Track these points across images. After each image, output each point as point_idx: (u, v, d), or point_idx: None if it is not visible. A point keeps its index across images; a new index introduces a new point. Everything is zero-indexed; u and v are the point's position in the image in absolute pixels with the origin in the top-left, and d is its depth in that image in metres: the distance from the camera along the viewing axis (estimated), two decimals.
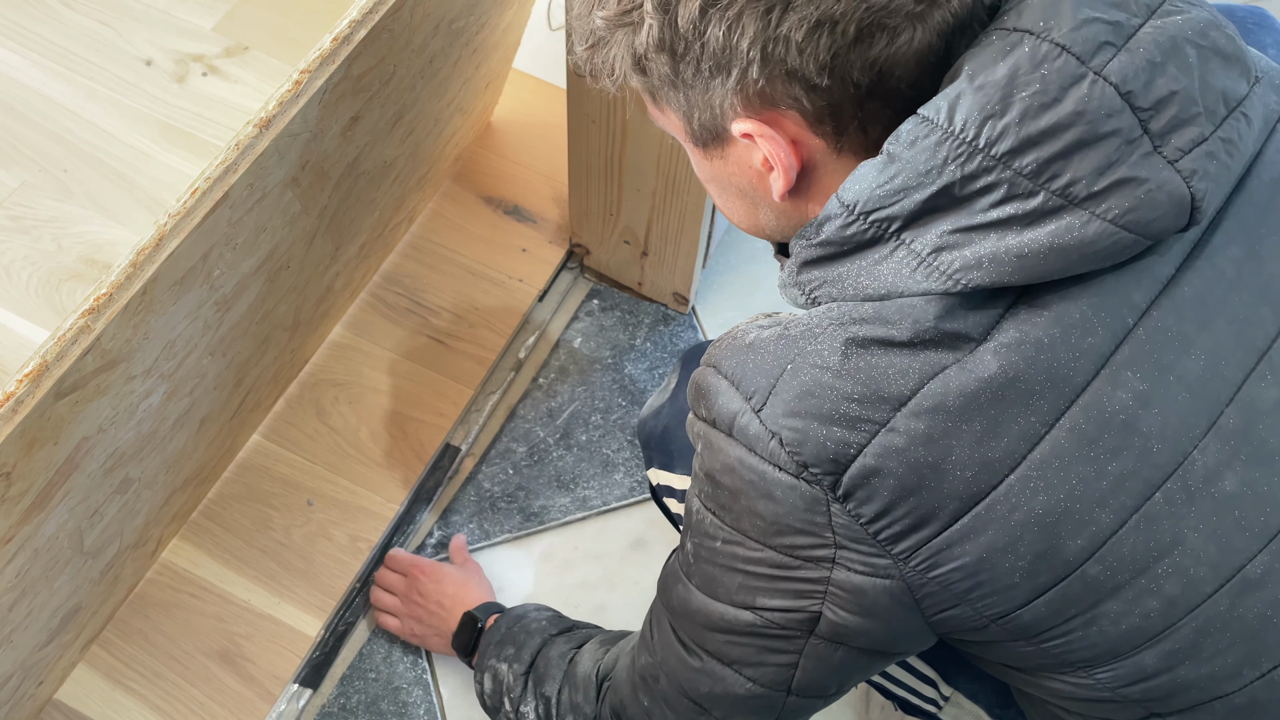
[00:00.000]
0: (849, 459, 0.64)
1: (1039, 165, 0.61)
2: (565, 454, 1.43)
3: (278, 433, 1.40)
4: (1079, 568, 0.65)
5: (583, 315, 1.54)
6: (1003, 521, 0.64)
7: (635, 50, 0.68)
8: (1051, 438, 0.63)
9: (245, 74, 1.61)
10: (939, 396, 0.62)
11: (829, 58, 0.63)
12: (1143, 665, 0.68)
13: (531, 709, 0.99)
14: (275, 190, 0.95)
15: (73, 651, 1.22)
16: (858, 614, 0.69)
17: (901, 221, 0.63)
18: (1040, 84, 0.61)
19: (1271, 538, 0.66)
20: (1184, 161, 0.62)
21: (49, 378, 0.77)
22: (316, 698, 1.28)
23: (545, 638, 1.06)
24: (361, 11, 0.92)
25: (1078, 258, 0.61)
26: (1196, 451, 0.65)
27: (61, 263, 1.45)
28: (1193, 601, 0.66)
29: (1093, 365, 0.63)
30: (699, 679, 0.78)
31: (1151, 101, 0.61)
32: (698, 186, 1.30)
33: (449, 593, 1.25)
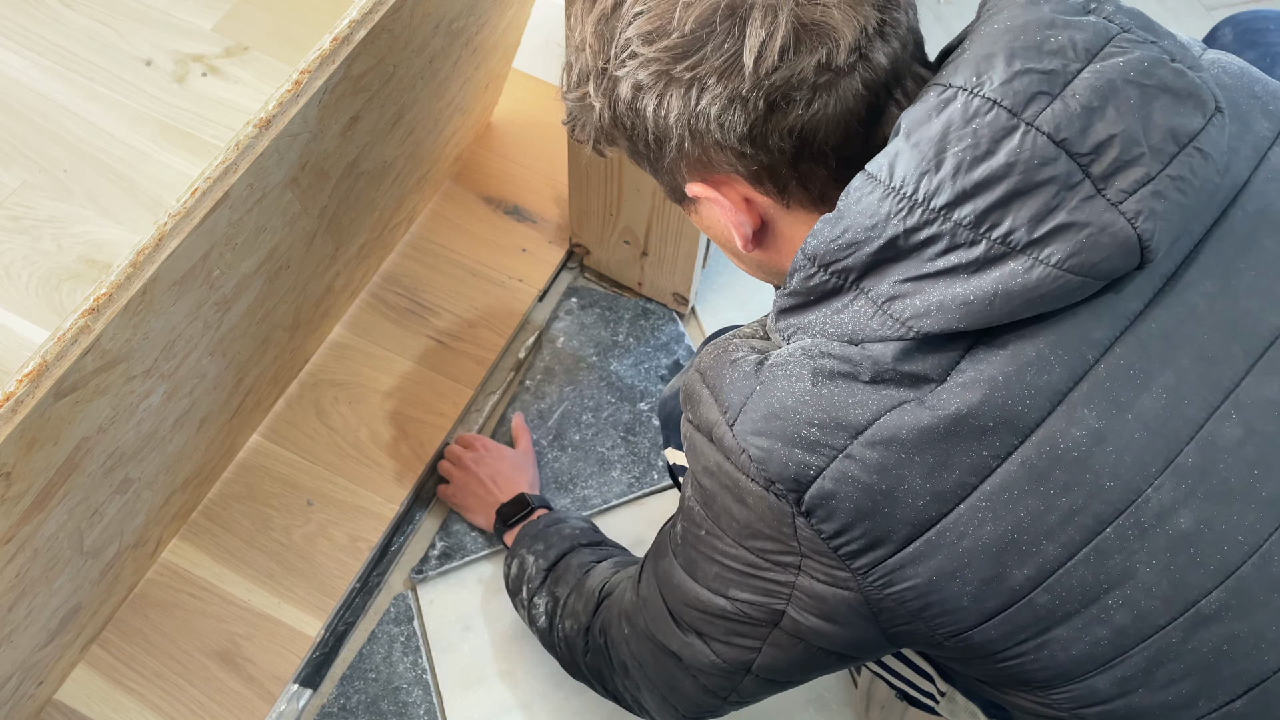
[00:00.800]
0: (809, 480, 0.67)
1: (977, 216, 0.63)
2: (560, 455, 1.43)
3: (278, 433, 1.40)
4: (1026, 596, 0.67)
5: (562, 314, 1.54)
6: (951, 548, 0.66)
7: (598, 127, 0.75)
8: (1002, 471, 0.65)
9: (245, 74, 1.61)
10: (893, 429, 0.65)
11: (746, 130, 0.67)
12: (1096, 689, 0.69)
13: (543, 603, 1.09)
14: (275, 190, 0.95)
15: (73, 651, 1.22)
16: (819, 617, 0.73)
17: (857, 272, 0.67)
18: (972, 138, 0.63)
19: (1229, 574, 0.67)
20: (1128, 203, 0.63)
21: (49, 378, 0.77)
22: (316, 698, 1.28)
23: (574, 544, 1.14)
24: (361, 11, 0.92)
25: (1022, 302, 0.63)
26: (1151, 489, 0.66)
27: (61, 263, 1.45)
28: (1144, 632, 0.67)
29: (1048, 402, 0.65)
30: (672, 638, 0.85)
31: (1090, 146, 0.63)
32: None
33: (503, 471, 1.34)
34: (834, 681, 1.29)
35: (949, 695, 0.95)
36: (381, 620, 1.33)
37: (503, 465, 1.35)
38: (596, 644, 0.99)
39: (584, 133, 0.77)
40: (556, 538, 1.16)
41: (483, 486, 1.33)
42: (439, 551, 1.37)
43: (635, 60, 0.69)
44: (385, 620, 1.33)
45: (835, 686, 1.29)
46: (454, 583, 1.35)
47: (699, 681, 0.85)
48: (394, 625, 1.33)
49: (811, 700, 1.29)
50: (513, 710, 1.28)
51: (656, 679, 0.90)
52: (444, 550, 1.37)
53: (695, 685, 0.86)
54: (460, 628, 1.32)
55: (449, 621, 1.33)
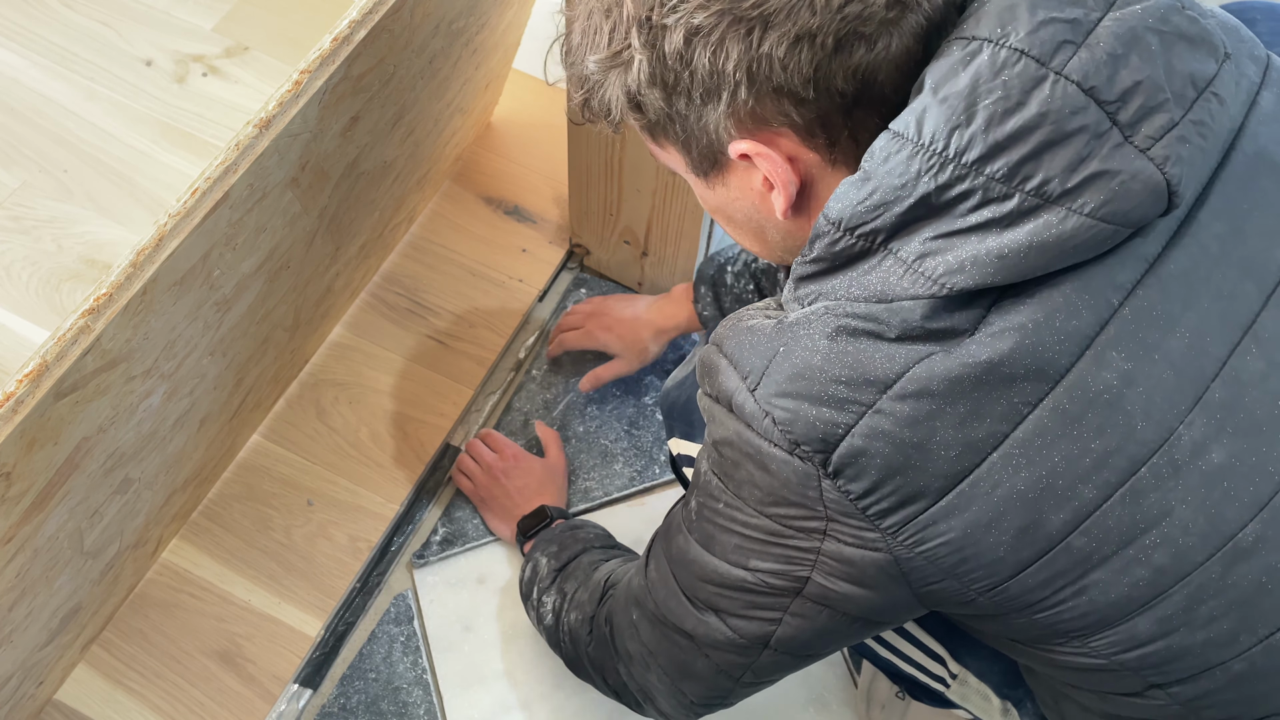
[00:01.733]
0: (837, 439, 0.66)
1: (1010, 169, 0.62)
2: (564, 446, 1.43)
3: (278, 433, 1.40)
4: (1063, 540, 0.67)
5: (570, 303, 1.54)
6: (986, 498, 0.66)
7: (629, 88, 0.71)
8: (1034, 417, 0.65)
9: (245, 74, 1.61)
10: (923, 381, 0.64)
11: (812, 70, 0.65)
12: (1136, 632, 0.69)
13: (551, 600, 1.10)
14: (275, 190, 0.95)
15: (73, 651, 1.22)
16: (848, 581, 0.72)
17: (886, 233, 0.66)
18: (1003, 90, 0.63)
19: (1262, 506, 0.67)
20: (1156, 149, 0.63)
21: (49, 378, 0.77)
22: (316, 698, 1.28)
23: (587, 547, 1.15)
24: (361, 11, 0.92)
25: (1057, 253, 0.63)
26: (1183, 427, 0.66)
27: (61, 263, 1.45)
28: (1183, 570, 0.67)
29: (1077, 347, 0.65)
30: (686, 617, 0.83)
31: (1117, 94, 0.63)
32: None
33: (530, 486, 1.33)
34: (834, 682, 1.29)
35: (960, 678, 0.95)
36: (381, 620, 1.33)
37: (530, 479, 1.34)
38: (601, 633, 0.98)
39: (600, 105, 0.74)
40: (570, 541, 1.16)
41: (509, 498, 1.33)
42: (440, 538, 1.37)
43: (690, 3, 0.66)
44: (385, 620, 1.33)
45: (835, 687, 1.29)
46: (454, 583, 1.35)
47: (712, 661, 0.84)
48: (394, 625, 1.33)
49: (811, 700, 1.29)
50: (513, 710, 1.28)
51: (667, 665, 0.89)
52: (445, 536, 1.37)
53: (709, 666, 0.85)
54: (460, 628, 1.32)
55: (449, 621, 1.33)
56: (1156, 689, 0.72)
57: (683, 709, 0.92)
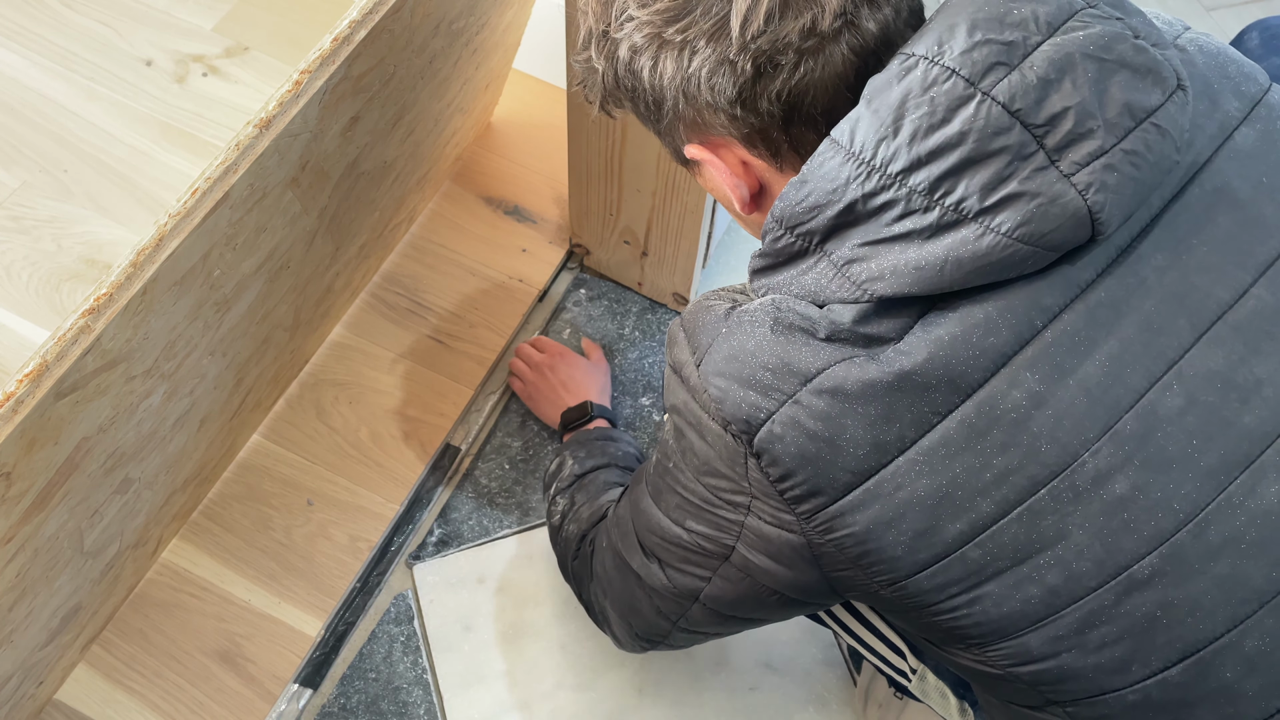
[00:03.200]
0: (759, 422, 0.69)
1: (931, 183, 0.64)
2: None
3: (278, 433, 1.41)
4: (958, 550, 0.68)
5: (570, 305, 1.54)
6: (888, 498, 0.68)
7: (602, 88, 0.77)
8: (942, 428, 0.67)
9: (245, 74, 1.61)
10: (840, 380, 0.67)
11: (735, 93, 0.69)
12: (1028, 647, 0.70)
13: (563, 503, 1.15)
14: (275, 190, 0.95)
15: (73, 651, 1.22)
16: (766, 556, 0.76)
17: (820, 235, 0.69)
18: (929, 106, 0.64)
19: (1162, 541, 0.67)
20: (1080, 175, 0.64)
21: (49, 378, 0.77)
22: (316, 698, 1.28)
23: (611, 462, 1.19)
24: (361, 11, 0.92)
25: (972, 269, 0.64)
26: (1088, 454, 0.67)
27: (61, 263, 1.45)
28: (1075, 593, 0.68)
29: (991, 363, 0.66)
30: (634, 557, 0.90)
31: (1044, 118, 0.64)
32: (698, 187, 1.30)
33: (576, 378, 1.40)
34: (834, 682, 1.29)
35: (920, 674, 0.96)
36: (381, 620, 1.33)
37: (575, 371, 1.40)
38: (584, 552, 1.05)
39: (592, 93, 0.79)
40: (599, 451, 1.20)
41: (554, 392, 1.38)
42: (436, 539, 1.37)
43: (632, 23, 0.71)
44: (385, 620, 1.33)
45: (835, 686, 1.29)
46: (454, 583, 1.35)
47: (653, 603, 0.90)
48: (394, 625, 1.33)
49: (811, 700, 1.29)
50: (513, 710, 1.28)
51: (618, 597, 0.95)
52: (441, 538, 1.37)
53: (650, 606, 0.91)
54: (460, 628, 1.32)
55: (449, 621, 1.33)
56: (1055, 705, 0.73)
57: (629, 639, 0.99)
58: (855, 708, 1.27)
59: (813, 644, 1.32)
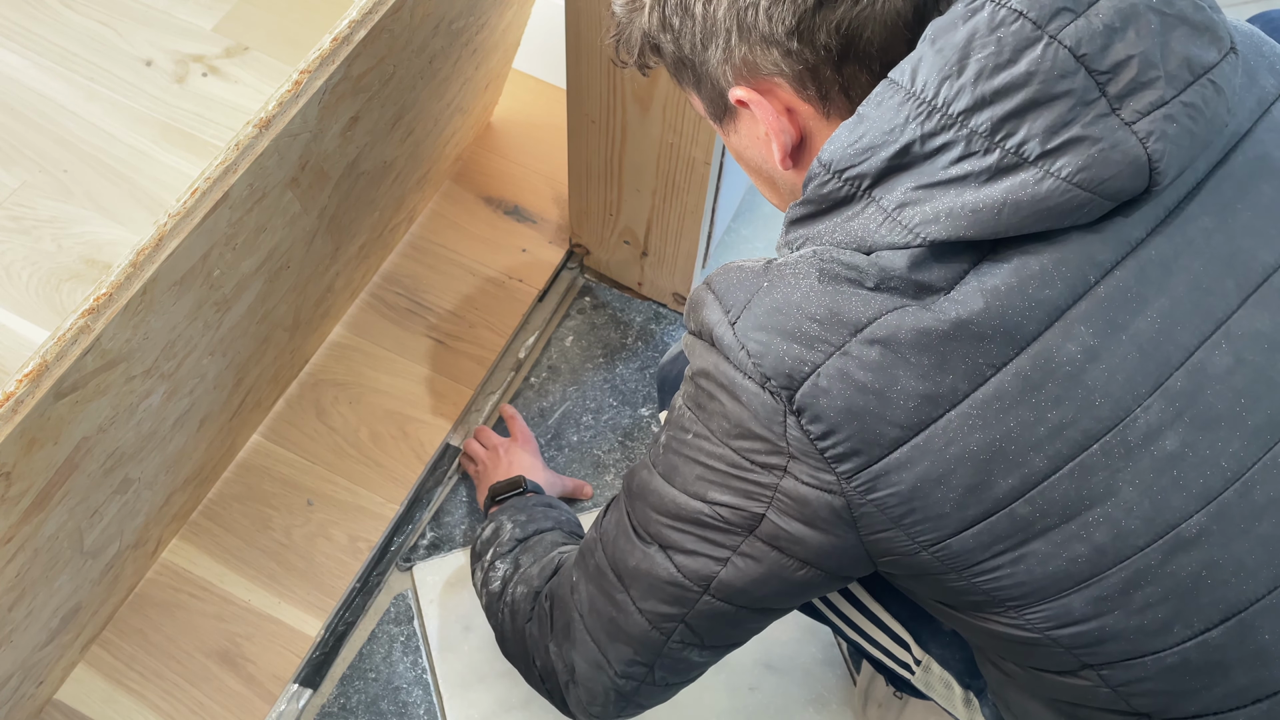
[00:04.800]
0: (803, 376, 0.67)
1: (994, 124, 0.64)
2: (557, 455, 1.43)
3: (278, 433, 1.41)
4: (1008, 506, 0.67)
5: (574, 313, 1.54)
6: (939, 454, 0.67)
7: (646, 31, 0.77)
8: (996, 380, 0.66)
9: (245, 74, 1.61)
10: (893, 328, 0.66)
11: (795, 22, 0.68)
12: (1070, 609, 0.70)
13: (504, 567, 1.05)
14: (275, 190, 0.95)
15: (73, 651, 1.22)
16: (800, 521, 0.72)
17: (871, 179, 0.67)
18: (995, 46, 0.64)
19: (1210, 500, 0.67)
20: (1141, 123, 0.64)
21: (49, 378, 0.77)
22: (316, 698, 1.28)
23: (555, 525, 1.11)
24: (361, 11, 0.92)
25: (1030, 214, 0.64)
26: (1140, 409, 0.66)
27: (61, 263, 1.45)
28: (1123, 553, 0.68)
29: (1046, 316, 0.65)
30: (631, 553, 0.82)
31: (1108, 65, 0.64)
32: (698, 186, 1.30)
33: (524, 462, 1.34)
34: (834, 682, 1.29)
35: (924, 665, 0.96)
36: (381, 620, 1.33)
37: (527, 458, 1.36)
38: (542, 609, 0.95)
39: (628, 46, 0.79)
40: (540, 515, 1.14)
41: (498, 471, 1.33)
42: (428, 541, 1.37)
43: None
44: (385, 620, 1.33)
45: (835, 686, 1.29)
46: (454, 583, 1.35)
47: (645, 617, 0.82)
48: (394, 625, 1.33)
49: (811, 700, 1.29)
50: (513, 710, 1.28)
51: (597, 626, 0.86)
52: (433, 540, 1.37)
53: (640, 623, 0.83)
54: (460, 628, 1.32)
55: (449, 621, 1.33)
56: (1089, 669, 0.72)
57: (601, 693, 0.88)
58: (855, 707, 1.27)
59: (813, 644, 1.32)
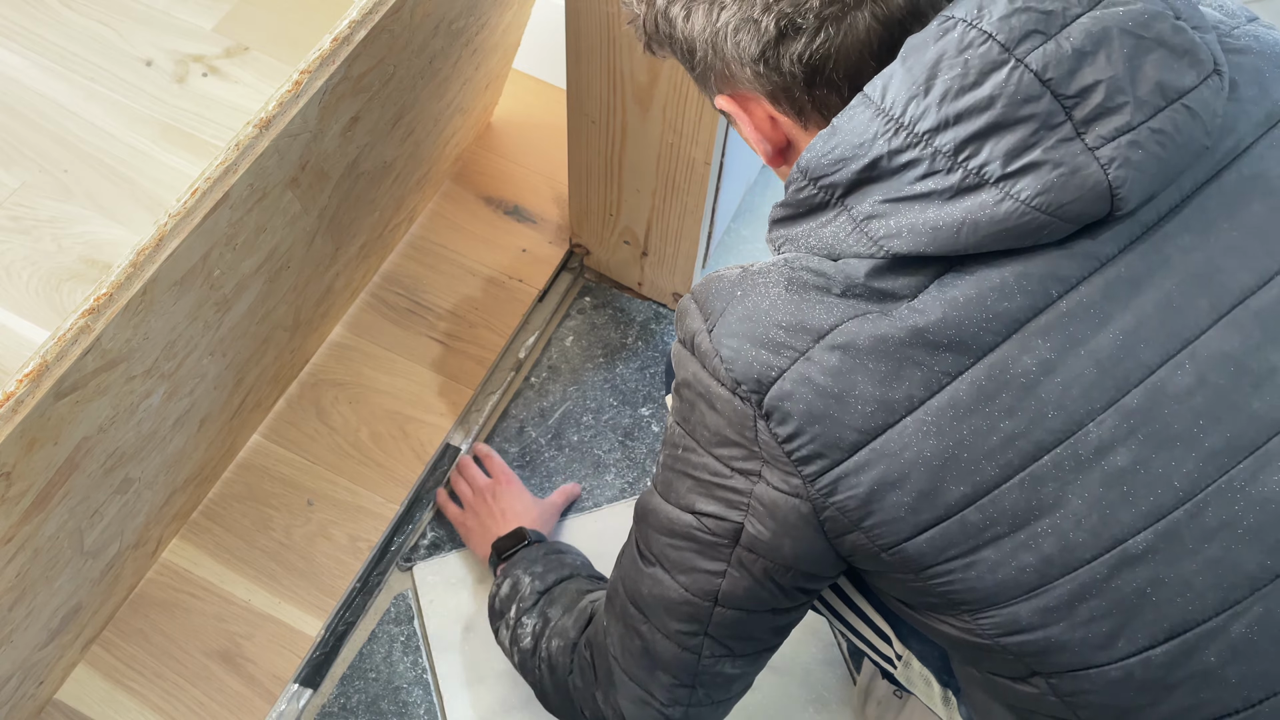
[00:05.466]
0: (770, 380, 0.70)
1: (957, 144, 0.65)
2: (557, 454, 1.43)
3: (278, 433, 1.41)
4: (959, 512, 0.68)
5: (574, 313, 1.54)
6: (894, 458, 0.68)
7: (647, 34, 0.80)
8: (951, 389, 0.67)
9: (245, 74, 1.61)
10: (852, 335, 0.68)
11: (759, 51, 0.71)
12: (1018, 617, 0.70)
13: (532, 623, 1.06)
14: (275, 190, 0.95)
15: (73, 651, 1.22)
16: (771, 529, 0.75)
17: (844, 188, 0.69)
18: (962, 68, 0.65)
19: (1159, 518, 0.68)
20: (1105, 149, 0.64)
21: (49, 378, 0.77)
22: (316, 698, 1.28)
23: (573, 573, 1.12)
24: (361, 12, 0.92)
25: (989, 234, 0.65)
26: (1092, 424, 0.67)
27: (61, 263, 1.45)
28: (1070, 564, 0.68)
29: (1004, 328, 0.67)
30: (642, 580, 0.85)
31: (1075, 89, 0.64)
32: (698, 186, 1.30)
33: (515, 508, 1.31)
34: (834, 682, 1.29)
35: (905, 660, 0.96)
36: (381, 620, 1.33)
37: (516, 502, 1.32)
38: (583, 660, 0.95)
39: (640, 34, 0.81)
40: (556, 564, 1.14)
41: (493, 519, 1.31)
42: (429, 541, 1.37)
43: None
44: (385, 620, 1.33)
45: (835, 686, 1.29)
46: (454, 582, 1.35)
47: (671, 642, 0.84)
48: (394, 625, 1.33)
49: (811, 700, 1.29)
50: (513, 710, 1.28)
51: (633, 662, 0.87)
52: (434, 540, 1.37)
53: (669, 648, 0.84)
54: (460, 628, 1.32)
55: (449, 621, 1.33)
56: (1038, 677, 0.73)
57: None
58: (855, 705, 1.27)
59: (813, 644, 1.32)
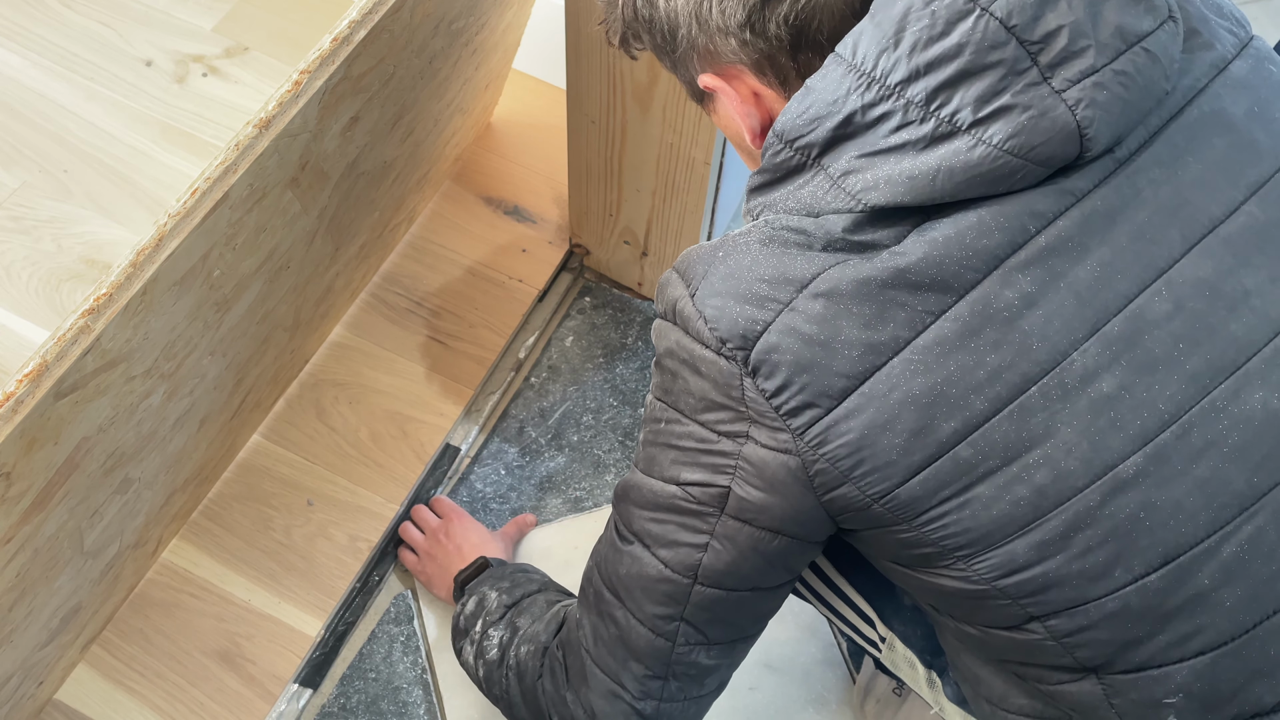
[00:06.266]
0: (756, 335, 0.70)
1: (928, 94, 0.67)
2: (557, 455, 1.43)
3: (278, 433, 1.41)
4: (951, 449, 0.69)
5: (574, 313, 1.54)
6: (883, 399, 0.69)
7: (624, 22, 0.80)
8: (936, 327, 0.68)
9: (245, 74, 1.61)
10: (835, 281, 0.69)
11: (745, 16, 0.72)
12: (1015, 555, 0.71)
13: (499, 634, 1.04)
14: (275, 190, 0.95)
15: (73, 651, 1.22)
16: (760, 489, 0.75)
17: (819, 148, 0.71)
18: (930, 19, 0.67)
19: (1147, 441, 0.69)
20: (1071, 91, 0.66)
21: (49, 378, 0.77)
22: (316, 698, 1.28)
23: (542, 587, 1.10)
24: (361, 12, 0.92)
25: (964, 180, 0.67)
26: (1076, 353, 0.68)
27: (61, 263, 1.45)
28: (1063, 494, 0.69)
29: (984, 264, 0.68)
30: (620, 560, 0.84)
31: (1039, 35, 0.66)
32: (698, 186, 1.30)
33: (472, 540, 1.29)
34: (834, 681, 1.30)
35: (889, 642, 0.96)
36: (381, 620, 1.33)
37: (471, 535, 1.30)
38: (554, 660, 0.94)
39: (614, 31, 0.82)
40: (523, 580, 1.12)
41: (449, 558, 1.28)
42: None
43: None
44: (385, 620, 1.33)
45: (835, 686, 1.29)
46: None
47: (646, 627, 0.83)
48: (394, 625, 1.33)
49: (811, 700, 1.29)
50: None
51: (607, 653, 0.87)
52: None
53: (644, 635, 0.84)
54: None
55: (449, 622, 1.33)
56: (1035, 621, 0.73)
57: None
58: (854, 703, 1.27)
59: (813, 644, 1.32)
